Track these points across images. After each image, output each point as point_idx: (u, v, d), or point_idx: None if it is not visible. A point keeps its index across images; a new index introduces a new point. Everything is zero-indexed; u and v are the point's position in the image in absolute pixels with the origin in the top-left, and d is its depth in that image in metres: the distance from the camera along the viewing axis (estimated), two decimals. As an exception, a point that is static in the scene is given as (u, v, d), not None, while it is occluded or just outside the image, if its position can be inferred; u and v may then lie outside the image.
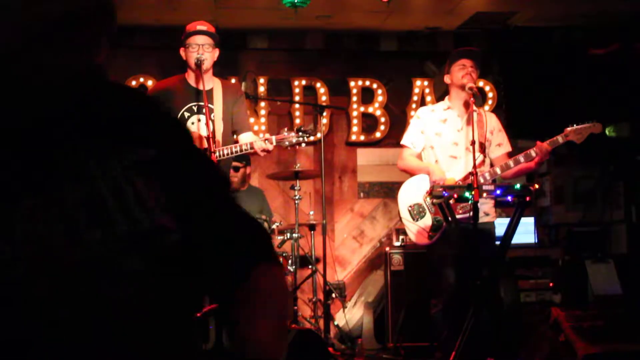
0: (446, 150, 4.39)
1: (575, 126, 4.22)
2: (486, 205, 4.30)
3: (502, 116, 6.92)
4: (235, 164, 5.63)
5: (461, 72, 4.35)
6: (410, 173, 4.52)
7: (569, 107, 6.61)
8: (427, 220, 4.34)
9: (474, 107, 4.38)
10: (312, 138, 4.17)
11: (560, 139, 4.22)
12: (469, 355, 3.95)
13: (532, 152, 4.20)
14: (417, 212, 4.37)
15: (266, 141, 3.97)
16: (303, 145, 4.13)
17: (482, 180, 4.12)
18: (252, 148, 3.99)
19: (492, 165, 4.43)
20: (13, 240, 0.90)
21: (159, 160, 1.07)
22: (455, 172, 4.28)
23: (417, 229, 4.37)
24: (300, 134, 4.01)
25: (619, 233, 6.75)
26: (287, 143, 4.03)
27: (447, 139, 4.40)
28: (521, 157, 4.22)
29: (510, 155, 4.46)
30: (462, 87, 4.33)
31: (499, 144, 4.48)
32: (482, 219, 4.26)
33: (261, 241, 1.21)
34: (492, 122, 4.48)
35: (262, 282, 1.13)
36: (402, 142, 4.56)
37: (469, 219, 4.07)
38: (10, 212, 0.92)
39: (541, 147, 4.18)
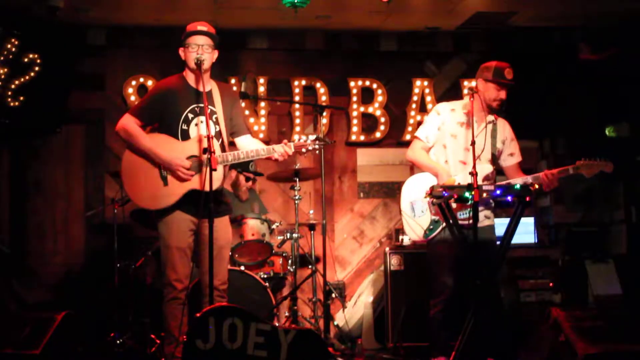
0: (457, 154, 4.39)
1: (587, 160, 4.24)
2: (485, 210, 4.31)
3: (501, 116, 6.93)
4: (259, 173, 5.70)
5: (497, 98, 4.34)
6: (417, 166, 4.53)
7: (569, 107, 6.61)
8: (426, 219, 4.37)
9: (492, 118, 4.44)
10: (324, 145, 4.27)
11: (570, 170, 4.25)
12: (469, 355, 3.95)
13: (540, 179, 4.22)
14: (418, 209, 4.39)
15: (286, 147, 4.05)
16: (317, 152, 4.26)
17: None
18: (270, 153, 4.04)
19: (502, 174, 4.47)
20: None
21: None
22: (461, 178, 4.28)
23: (414, 225, 4.39)
24: (316, 141, 4.12)
25: (619, 233, 6.74)
26: (304, 150, 4.11)
27: (461, 144, 4.39)
28: (530, 179, 4.25)
29: (520, 164, 4.53)
30: (489, 106, 4.36)
31: (511, 153, 4.50)
32: (483, 222, 4.27)
33: None
34: (506, 132, 4.49)
35: None
36: (416, 134, 4.55)
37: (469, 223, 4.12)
38: None
39: (547, 175, 4.21)
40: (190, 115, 4.04)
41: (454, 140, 4.40)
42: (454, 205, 4.13)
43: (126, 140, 4.08)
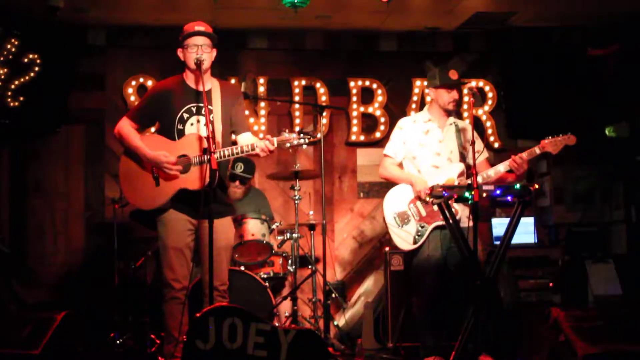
0: (429, 160, 4.56)
1: (550, 138, 4.36)
2: (467, 211, 4.36)
3: (501, 116, 6.94)
4: (245, 175, 5.65)
5: (450, 100, 4.52)
6: (392, 182, 4.68)
7: (569, 107, 6.61)
8: (412, 227, 4.48)
9: (453, 120, 4.59)
10: (310, 139, 4.16)
11: (537, 150, 4.36)
12: (469, 355, 3.95)
13: (510, 164, 4.34)
14: (402, 219, 4.51)
15: (267, 142, 3.92)
16: (304, 147, 4.11)
17: None
18: (252, 149, 3.95)
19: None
20: None
21: None
22: (437, 181, 4.36)
23: (403, 234, 4.50)
24: (301, 135, 3.97)
25: (619, 233, 6.74)
26: (288, 145, 3.97)
27: (430, 150, 4.57)
28: (501, 167, 4.40)
29: (489, 160, 4.67)
30: (446, 110, 4.55)
31: (477, 151, 4.57)
32: (465, 223, 4.31)
33: None
34: (469, 133, 4.57)
35: None
36: (384, 152, 4.74)
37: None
38: None
39: (516, 159, 4.31)
40: (186, 115, 4.04)
41: (422, 148, 4.57)
42: (435, 207, 4.21)
43: (121, 142, 4.11)
